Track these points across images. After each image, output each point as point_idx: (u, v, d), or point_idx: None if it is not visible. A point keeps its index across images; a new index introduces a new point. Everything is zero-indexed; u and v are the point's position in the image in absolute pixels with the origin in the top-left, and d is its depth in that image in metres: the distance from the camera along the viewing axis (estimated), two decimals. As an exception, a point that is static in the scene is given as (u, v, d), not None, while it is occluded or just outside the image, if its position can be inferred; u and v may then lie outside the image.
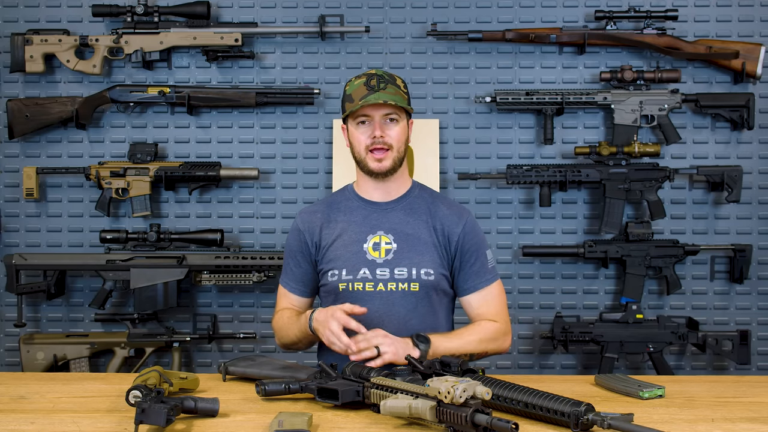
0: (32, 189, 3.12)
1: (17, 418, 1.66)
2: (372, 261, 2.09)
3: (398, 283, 2.08)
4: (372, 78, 2.08)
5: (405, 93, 2.13)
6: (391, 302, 2.08)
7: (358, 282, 2.09)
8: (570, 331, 3.03)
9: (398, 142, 2.09)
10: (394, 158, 2.09)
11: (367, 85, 2.07)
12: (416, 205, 2.16)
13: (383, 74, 2.10)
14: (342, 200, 2.21)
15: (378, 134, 2.06)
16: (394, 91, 2.07)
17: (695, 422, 1.62)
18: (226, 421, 1.62)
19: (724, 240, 3.19)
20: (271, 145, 3.22)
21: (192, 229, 3.17)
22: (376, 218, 2.14)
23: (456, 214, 2.15)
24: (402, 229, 2.12)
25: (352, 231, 2.13)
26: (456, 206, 2.21)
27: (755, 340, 3.18)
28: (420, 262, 2.09)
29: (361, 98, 2.05)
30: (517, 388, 1.59)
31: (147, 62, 3.15)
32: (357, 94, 2.07)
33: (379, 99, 2.04)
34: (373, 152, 2.08)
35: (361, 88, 2.07)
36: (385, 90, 2.06)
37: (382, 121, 2.07)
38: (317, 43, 3.21)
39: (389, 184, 2.15)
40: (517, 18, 3.20)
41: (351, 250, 2.11)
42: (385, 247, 2.10)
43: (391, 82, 2.09)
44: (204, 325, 3.17)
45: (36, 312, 3.23)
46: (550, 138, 3.11)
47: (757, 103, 3.14)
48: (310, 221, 2.18)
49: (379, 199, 2.16)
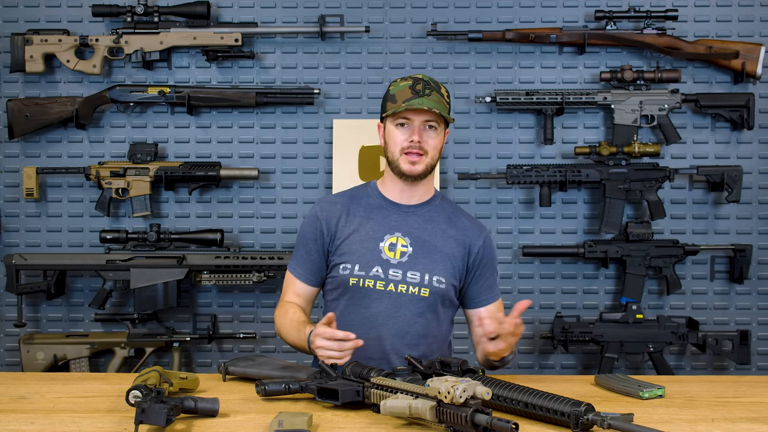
0: (32, 189, 3.12)
1: (17, 418, 1.66)
2: (386, 261, 2.10)
3: (409, 286, 2.09)
4: (418, 82, 2.09)
5: (447, 102, 2.13)
6: (399, 304, 2.09)
7: (369, 279, 2.09)
8: (570, 331, 3.03)
9: (434, 149, 2.10)
10: (427, 164, 2.10)
11: (412, 88, 2.07)
12: (436, 214, 2.17)
13: (429, 80, 2.11)
14: (364, 196, 2.21)
15: (416, 139, 2.07)
16: (437, 99, 2.08)
17: (695, 422, 1.62)
18: (226, 421, 1.62)
19: (724, 240, 3.19)
20: (271, 145, 3.22)
21: (192, 229, 3.17)
22: (395, 219, 2.15)
23: (477, 228, 2.21)
24: (419, 235, 2.13)
25: (370, 228, 2.14)
26: (476, 220, 2.27)
27: (755, 340, 3.18)
28: (434, 270, 2.10)
29: (405, 101, 2.06)
30: (517, 388, 1.59)
31: (147, 62, 3.15)
32: (401, 95, 2.08)
33: (423, 105, 2.04)
34: (408, 155, 2.08)
35: (405, 91, 2.08)
36: (429, 96, 2.07)
37: (422, 126, 2.08)
38: (317, 43, 3.20)
39: (415, 189, 2.16)
40: (517, 18, 3.20)
41: (366, 247, 2.11)
42: (401, 249, 2.11)
43: (436, 90, 2.09)
44: (204, 325, 3.17)
45: (36, 312, 3.22)
46: (550, 138, 3.11)
47: (757, 103, 3.14)
48: (330, 211, 2.18)
49: (402, 201, 2.17)
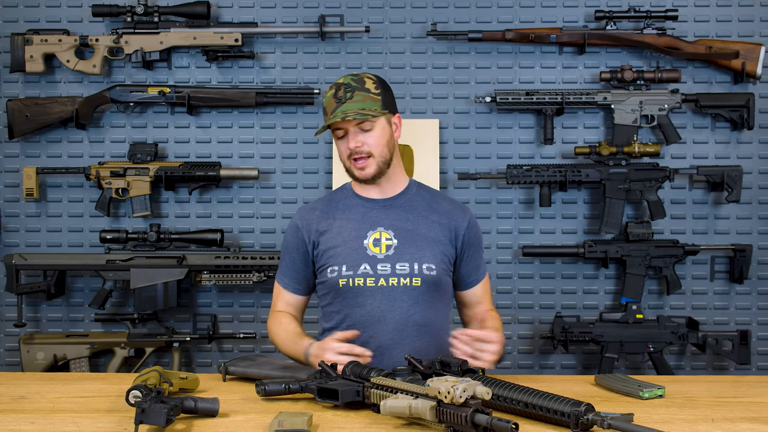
0: (32, 189, 3.12)
1: (17, 418, 1.66)
2: (373, 257, 2.09)
3: (400, 278, 2.07)
4: (339, 88, 2.05)
5: (376, 94, 2.06)
6: (393, 297, 2.07)
7: (358, 278, 2.08)
8: (570, 331, 3.03)
9: (378, 147, 2.07)
10: (378, 163, 2.08)
11: (335, 96, 2.05)
12: (415, 202, 2.16)
13: (350, 82, 2.06)
14: (340, 198, 2.21)
15: (353, 146, 2.05)
16: (361, 98, 2.03)
17: (695, 422, 1.62)
18: (226, 421, 1.62)
19: (724, 240, 3.19)
20: (271, 145, 3.22)
21: (192, 229, 3.17)
22: (375, 215, 2.14)
23: (460, 209, 2.20)
24: (402, 226, 2.12)
25: (352, 228, 2.13)
26: (457, 202, 2.25)
27: (755, 340, 3.19)
28: (422, 258, 2.09)
29: (332, 112, 2.04)
30: (517, 388, 1.59)
31: (147, 62, 3.15)
32: (329, 107, 2.06)
33: (340, 115, 2.01)
34: (356, 161, 2.07)
35: (331, 101, 2.05)
36: (352, 99, 2.03)
37: (356, 131, 2.05)
38: (317, 43, 3.20)
39: (383, 185, 2.15)
40: (517, 18, 3.20)
41: (351, 247, 2.10)
42: (385, 242, 2.10)
43: (358, 89, 2.04)
44: (204, 325, 3.17)
45: (36, 312, 3.23)
46: (550, 138, 3.11)
47: (757, 103, 3.14)
48: (308, 218, 2.18)
49: (377, 196, 2.16)
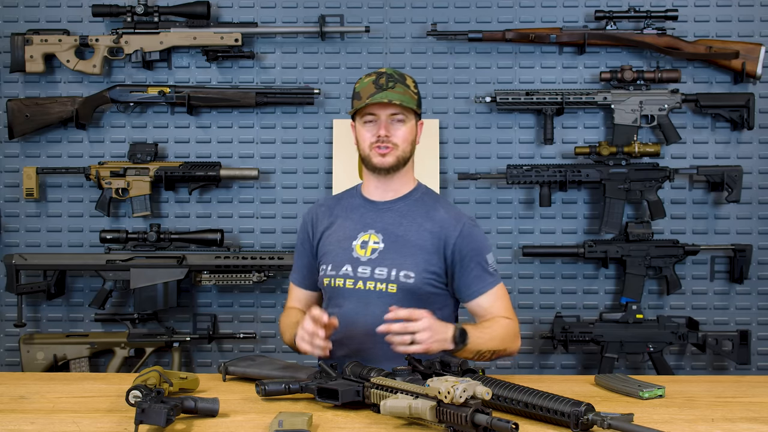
0: (32, 189, 3.12)
1: (17, 418, 1.66)
2: (356, 258, 2.08)
3: (377, 283, 2.04)
4: (381, 76, 2.06)
5: (414, 94, 2.10)
6: (367, 302, 2.04)
7: (339, 278, 2.08)
8: (570, 331, 3.03)
9: (404, 141, 2.07)
10: (398, 156, 2.07)
11: (375, 83, 2.05)
12: (415, 207, 2.13)
13: (393, 73, 2.08)
14: (347, 197, 2.22)
15: (383, 133, 2.04)
16: (402, 91, 2.05)
17: (695, 422, 1.62)
18: (226, 421, 1.62)
19: (724, 240, 3.18)
20: (271, 145, 3.22)
21: (192, 229, 3.17)
22: (371, 217, 2.13)
23: (454, 218, 2.10)
24: (393, 230, 2.09)
25: (347, 227, 2.13)
26: (455, 211, 2.16)
27: (755, 340, 3.18)
28: (402, 264, 2.04)
29: (369, 96, 2.04)
30: (517, 388, 1.59)
31: (147, 62, 3.14)
32: (365, 92, 2.05)
33: (385, 98, 2.02)
34: (378, 148, 2.06)
35: (369, 86, 2.05)
36: (393, 89, 2.04)
37: (389, 120, 2.05)
38: (317, 43, 3.20)
39: (391, 183, 2.12)
40: (517, 18, 3.20)
41: (341, 246, 2.11)
42: (372, 246, 2.08)
43: (400, 82, 2.06)
44: (204, 325, 3.17)
45: (36, 312, 3.22)
46: (550, 138, 3.11)
47: (757, 103, 3.13)
48: (315, 214, 2.21)
49: (378, 198, 2.15)
